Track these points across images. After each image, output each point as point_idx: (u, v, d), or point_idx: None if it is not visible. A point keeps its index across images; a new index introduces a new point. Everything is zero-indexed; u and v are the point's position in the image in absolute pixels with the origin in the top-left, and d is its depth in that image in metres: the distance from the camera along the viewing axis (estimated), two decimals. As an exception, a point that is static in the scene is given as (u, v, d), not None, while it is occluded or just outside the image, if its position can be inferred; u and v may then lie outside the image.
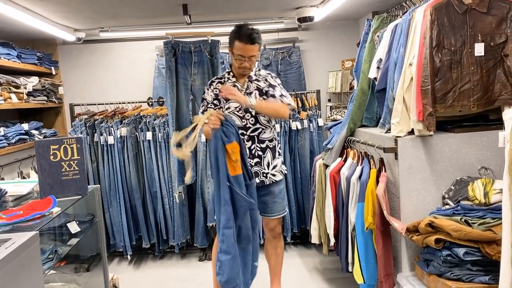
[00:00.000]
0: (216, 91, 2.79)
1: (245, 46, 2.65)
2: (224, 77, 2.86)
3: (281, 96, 2.80)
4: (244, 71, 2.78)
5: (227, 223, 2.41)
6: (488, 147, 2.46)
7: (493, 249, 1.96)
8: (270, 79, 2.86)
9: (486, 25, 2.33)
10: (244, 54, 2.67)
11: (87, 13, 3.67)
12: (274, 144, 2.86)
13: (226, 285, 2.43)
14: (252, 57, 2.70)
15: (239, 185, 2.44)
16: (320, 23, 4.77)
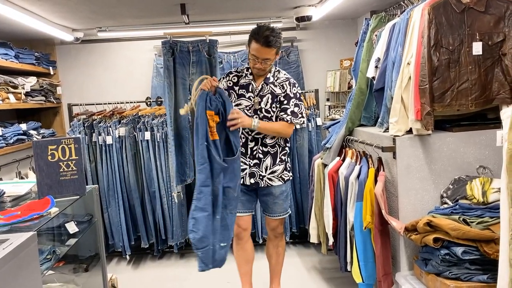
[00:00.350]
0: (231, 83, 2.81)
1: (260, 48, 2.60)
2: (243, 71, 2.83)
3: (292, 113, 2.75)
4: (258, 72, 2.75)
5: (205, 181, 2.43)
6: (486, 146, 2.46)
7: (491, 248, 1.97)
8: (287, 86, 2.79)
9: (484, 24, 2.34)
10: (258, 55, 2.63)
11: (85, 13, 3.67)
12: (276, 150, 2.83)
13: (199, 243, 2.42)
14: (266, 60, 2.65)
15: (216, 149, 2.46)
16: (318, 23, 4.77)
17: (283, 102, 2.77)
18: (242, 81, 2.80)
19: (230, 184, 2.51)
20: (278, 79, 2.81)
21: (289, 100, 2.77)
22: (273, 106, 2.77)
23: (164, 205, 3.94)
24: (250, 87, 2.78)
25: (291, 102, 2.77)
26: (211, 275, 3.57)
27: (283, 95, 2.78)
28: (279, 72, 2.85)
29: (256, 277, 3.10)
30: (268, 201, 2.88)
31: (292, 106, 2.77)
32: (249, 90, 2.78)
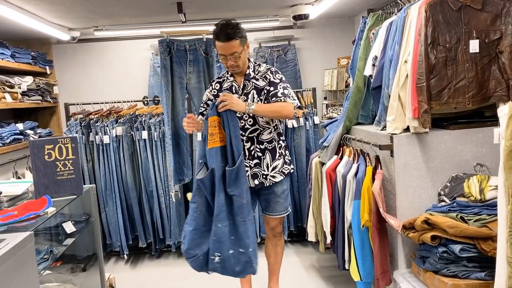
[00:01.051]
0: (215, 91, 2.76)
1: (223, 45, 2.54)
2: (224, 76, 2.80)
3: (283, 95, 2.64)
4: (234, 70, 2.67)
5: (192, 198, 2.51)
6: (484, 143, 2.47)
7: (488, 246, 1.97)
8: (270, 75, 2.71)
9: (481, 21, 2.34)
10: (224, 52, 2.56)
11: (81, 12, 3.66)
12: (273, 145, 2.76)
13: (186, 254, 2.55)
14: (234, 54, 2.56)
15: (216, 157, 2.43)
16: (316, 21, 4.77)
17: (270, 90, 2.67)
18: (225, 85, 2.75)
19: (235, 192, 2.43)
20: (259, 72, 2.73)
21: (276, 85, 2.67)
22: (260, 99, 2.69)
23: (162, 204, 3.93)
24: (234, 88, 2.72)
25: (278, 86, 2.67)
26: (209, 275, 3.57)
27: (268, 83, 2.69)
28: (260, 66, 2.77)
29: (254, 276, 3.09)
30: (269, 200, 2.84)
31: (280, 89, 2.66)
32: (233, 91, 2.71)
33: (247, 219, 2.49)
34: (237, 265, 2.48)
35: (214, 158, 2.42)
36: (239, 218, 2.46)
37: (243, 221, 2.47)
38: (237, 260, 2.47)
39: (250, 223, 2.51)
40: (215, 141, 2.43)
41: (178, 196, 3.85)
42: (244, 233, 2.46)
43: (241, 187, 2.44)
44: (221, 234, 2.42)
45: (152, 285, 3.57)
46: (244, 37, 2.60)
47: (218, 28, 2.56)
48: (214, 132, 2.43)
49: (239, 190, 2.44)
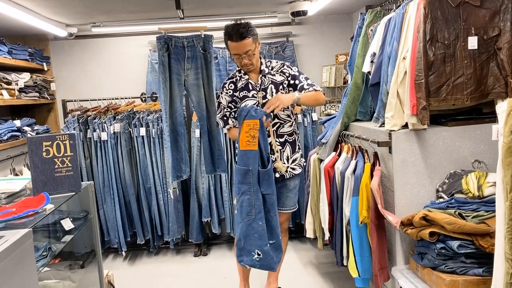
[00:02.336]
0: (230, 91, 2.80)
1: (237, 44, 2.60)
2: (236, 76, 2.83)
3: (309, 85, 2.75)
4: (248, 68, 2.73)
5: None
6: (482, 140, 2.47)
7: (486, 242, 1.97)
8: (288, 69, 2.80)
9: (480, 18, 2.34)
10: (238, 52, 2.63)
11: (78, 8, 3.64)
12: (294, 138, 2.85)
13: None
14: (248, 52, 2.63)
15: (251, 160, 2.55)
16: (314, 18, 4.76)
17: (296, 83, 2.77)
18: (240, 84, 2.79)
19: (268, 191, 2.59)
20: (273, 68, 2.81)
21: (298, 78, 2.78)
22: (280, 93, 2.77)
23: (160, 201, 3.93)
24: (250, 86, 2.77)
25: (301, 78, 2.78)
26: (208, 271, 3.58)
27: (290, 77, 2.78)
28: (271, 62, 2.84)
29: (252, 274, 3.10)
30: (281, 194, 2.87)
31: (304, 80, 2.78)
32: (249, 89, 2.77)
33: (277, 213, 2.67)
34: (273, 256, 2.61)
35: (252, 160, 2.55)
36: (272, 214, 2.62)
37: (275, 215, 2.63)
38: (273, 251, 2.61)
39: (277, 215, 2.69)
40: (255, 144, 2.55)
41: (176, 193, 3.85)
42: (275, 225, 2.64)
43: (272, 186, 2.62)
44: (262, 232, 2.55)
45: (151, 281, 3.57)
46: (256, 35, 2.69)
47: (230, 28, 2.61)
48: (256, 135, 2.54)
49: (272, 189, 2.61)
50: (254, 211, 2.55)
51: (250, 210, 2.55)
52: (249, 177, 2.55)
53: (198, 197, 3.99)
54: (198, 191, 3.98)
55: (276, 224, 2.64)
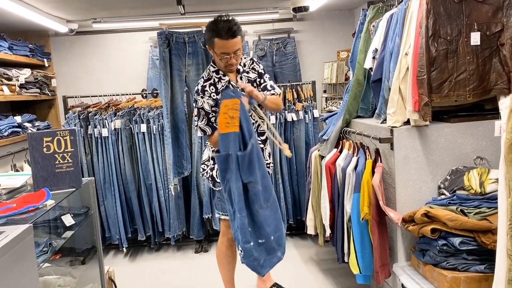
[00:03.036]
0: (214, 95, 2.56)
1: (227, 42, 2.39)
2: (212, 77, 2.60)
3: (271, 87, 2.70)
4: (232, 69, 2.56)
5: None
6: (484, 136, 2.46)
7: (488, 238, 1.97)
8: (256, 66, 2.73)
9: (482, 14, 2.32)
10: (229, 50, 2.42)
11: (79, 3, 3.63)
12: (266, 136, 2.78)
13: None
14: (237, 51, 2.45)
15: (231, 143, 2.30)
16: (315, 14, 4.74)
17: (261, 82, 2.70)
18: (220, 86, 2.58)
19: (250, 178, 2.31)
20: (245, 65, 2.69)
21: (263, 76, 2.73)
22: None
23: (161, 197, 3.93)
24: (231, 87, 2.58)
25: (265, 77, 2.73)
26: (209, 267, 3.58)
27: (258, 75, 2.71)
28: (241, 59, 2.67)
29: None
30: None
31: (268, 80, 2.72)
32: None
33: (266, 206, 2.37)
34: (260, 259, 2.34)
35: (232, 143, 2.29)
36: (256, 207, 2.34)
37: (261, 209, 2.35)
38: (260, 253, 2.34)
39: (270, 210, 2.39)
40: (235, 126, 2.30)
41: (177, 189, 3.84)
42: (263, 221, 2.35)
43: (254, 173, 2.32)
44: (242, 226, 2.29)
45: (151, 278, 3.57)
46: (242, 32, 2.53)
47: (220, 25, 2.39)
48: (235, 116, 2.29)
49: (254, 177, 2.32)
50: (234, 201, 2.31)
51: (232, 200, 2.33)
52: (230, 163, 2.29)
53: (199, 194, 3.99)
54: (199, 188, 3.98)
55: (265, 221, 2.35)
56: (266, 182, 2.41)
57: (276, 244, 2.40)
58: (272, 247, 2.38)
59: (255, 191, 2.33)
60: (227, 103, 2.32)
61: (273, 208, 2.42)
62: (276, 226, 2.43)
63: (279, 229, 2.44)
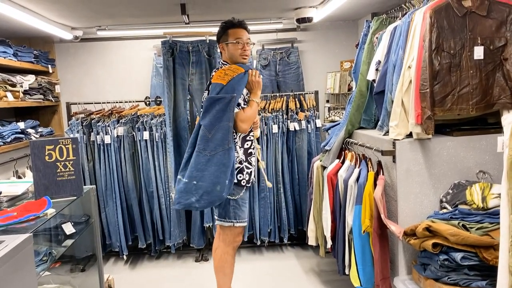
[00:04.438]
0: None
1: (240, 30, 2.67)
2: (238, 70, 2.72)
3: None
4: (247, 56, 2.71)
5: None
6: (487, 151, 2.45)
7: (490, 254, 1.95)
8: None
9: (486, 28, 2.32)
10: (242, 36, 2.67)
11: (84, 11, 3.65)
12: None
13: None
14: (248, 40, 2.70)
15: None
16: (319, 24, 4.76)
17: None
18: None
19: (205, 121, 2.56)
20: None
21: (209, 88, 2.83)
22: None
23: (162, 205, 3.92)
24: None
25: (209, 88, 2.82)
26: (209, 276, 3.56)
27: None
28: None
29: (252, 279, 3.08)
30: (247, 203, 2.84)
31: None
32: None
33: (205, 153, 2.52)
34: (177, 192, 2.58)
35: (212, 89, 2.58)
36: (196, 148, 2.55)
37: (198, 152, 2.53)
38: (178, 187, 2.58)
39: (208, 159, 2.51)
40: (222, 80, 2.55)
41: (179, 198, 3.83)
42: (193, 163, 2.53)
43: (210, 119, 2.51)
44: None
45: (151, 286, 3.56)
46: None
47: (233, 19, 2.71)
48: (229, 74, 2.56)
49: (206, 121, 2.52)
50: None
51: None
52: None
53: (200, 202, 3.97)
54: (201, 196, 3.97)
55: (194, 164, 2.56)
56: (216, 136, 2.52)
57: (194, 192, 2.52)
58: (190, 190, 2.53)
59: (202, 134, 2.53)
60: (232, 66, 2.60)
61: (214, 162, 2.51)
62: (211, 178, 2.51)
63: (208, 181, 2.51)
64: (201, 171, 2.51)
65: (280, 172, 3.96)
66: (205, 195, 2.50)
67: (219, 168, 2.50)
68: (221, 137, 2.50)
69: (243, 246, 4.12)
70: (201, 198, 2.50)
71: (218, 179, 2.49)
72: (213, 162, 2.50)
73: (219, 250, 2.77)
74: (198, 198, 2.51)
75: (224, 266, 2.79)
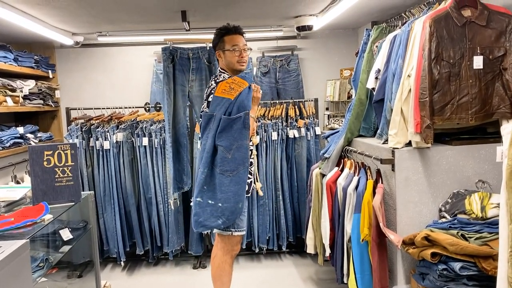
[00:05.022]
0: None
1: (236, 36, 2.64)
2: (246, 76, 2.88)
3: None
4: (243, 65, 2.68)
5: None
6: (486, 160, 2.45)
7: (489, 264, 1.95)
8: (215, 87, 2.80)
9: (485, 38, 2.33)
10: (238, 42, 2.64)
11: (85, 17, 3.66)
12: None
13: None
14: (245, 46, 2.66)
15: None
16: (319, 32, 4.77)
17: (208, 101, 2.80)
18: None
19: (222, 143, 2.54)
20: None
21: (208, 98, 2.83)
22: None
23: (160, 211, 3.91)
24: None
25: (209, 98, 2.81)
26: (206, 284, 3.55)
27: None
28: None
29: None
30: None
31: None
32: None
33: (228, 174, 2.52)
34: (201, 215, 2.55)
35: (219, 107, 2.52)
36: (217, 170, 2.52)
37: (221, 174, 2.52)
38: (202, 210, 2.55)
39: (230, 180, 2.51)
40: (230, 94, 2.50)
41: (177, 204, 3.83)
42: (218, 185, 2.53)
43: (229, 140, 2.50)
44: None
45: (148, 293, 3.54)
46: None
47: (228, 25, 2.67)
48: (235, 88, 2.52)
49: (224, 142, 2.50)
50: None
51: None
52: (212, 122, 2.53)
53: (198, 209, 3.96)
54: (199, 203, 3.96)
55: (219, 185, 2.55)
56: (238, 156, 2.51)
57: (221, 212, 2.53)
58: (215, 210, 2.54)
59: (222, 156, 2.50)
60: (236, 79, 2.55)
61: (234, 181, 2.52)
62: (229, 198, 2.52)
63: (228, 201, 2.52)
64: (226, 193, 2.52)
65: (279, 179, 3.95)
66: (231, 215, 2.53)
67: (241, 186, 2.53)
68: (241, 156, 2.51)
69: (241, 254, 4.10)
70: (227, 219, 2.54)
71: (240, 197, 2.53)
72: (235, 181, 2.52)
73: (217, 259, 2.76)
74: (224, 219, 2.54)
75: (222, 274, 2.77)
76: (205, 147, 2.57)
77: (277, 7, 3.62)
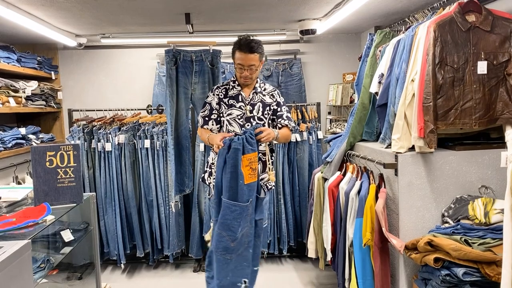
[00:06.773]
0: (221, 95, 2.87)
1: (245, 56, 2.71)
2: (229, 84, 2.91)
3: (288, 118, 2.91)
4: (246, 81, 2.82)
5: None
6: (489, 165, 2.44)
7: (493, 270, 1.93)
8: (277, 95, 2.95)
9: (489, 43, 2.33)
10: (243, 63, 2.73)
11: (88, 19, 3.66)
12: (266, 158, 2.76)
13: None
14: (252, 66, 2.74)
15: (253, 191, 2.60)
16: (322, 36, 4.77)
17: (277, 110, 2.91)
18: (231, 93, 2.87)
19: (261, 215, 2.70)
20: (266, 89, 2.94)
21: (281, 107, 2.93)
22: (264, 113, 2.87)
23: (161, 214, 3.90)
24: (240, 97, 2.85)
25: (283, 108, 2.94)
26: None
27: (275, 103, 2.92)
28: (265, 84, 2.99)
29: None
30: None
31: (285, 112, 2.93)
32: (239, 100, 2.85)
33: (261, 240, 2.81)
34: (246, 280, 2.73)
35: (254, 191, 2.60)
36: (261, 239, 2.77)
37: (260, 243, 2.79)
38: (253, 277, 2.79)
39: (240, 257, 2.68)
40: (255, 176, 2.59)
41: (178, 207, 3.82)
42: (259, 251, 2.84)
43: (264, 211, 2.78)
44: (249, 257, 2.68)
45: (148, 296, 3.53)
46: (263, 53, 2.82)
47: (243, 40, 2.74)
48: (256, 167, 2.58)
49: (263, 214, 2.75)
50: (247, 239, 2.61)
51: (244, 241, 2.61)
52: (248, 209, 2.56)
53: (199, 212, 3.96)
54: (200, 206, 3.96)
55: (260, 250, 2.80)
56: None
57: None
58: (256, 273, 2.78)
59: (262, 226, 2.74)
60: (249, 157, 2.55)
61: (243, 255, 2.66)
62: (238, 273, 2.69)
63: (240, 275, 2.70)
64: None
65: (280, 183, 3.95)
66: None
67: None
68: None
69: (242, 257, 4.08)
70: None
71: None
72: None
73: None
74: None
75: None
76: None
77: (280, 11, 3.62)
